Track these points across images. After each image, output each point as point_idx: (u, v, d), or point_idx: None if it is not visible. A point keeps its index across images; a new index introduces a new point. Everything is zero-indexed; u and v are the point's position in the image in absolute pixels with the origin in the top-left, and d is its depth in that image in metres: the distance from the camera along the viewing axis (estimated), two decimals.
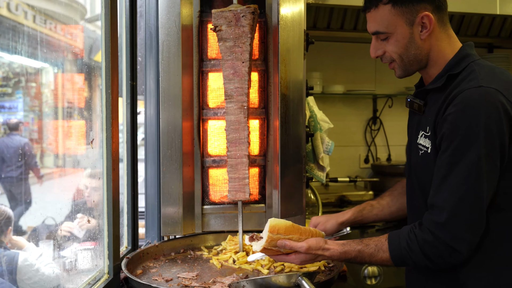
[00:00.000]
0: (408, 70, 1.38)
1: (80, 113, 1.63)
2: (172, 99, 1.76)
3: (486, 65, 1.29)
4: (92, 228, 1.76)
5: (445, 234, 1.17)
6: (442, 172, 1.20)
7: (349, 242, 1.31)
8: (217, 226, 1.86)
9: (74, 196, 2.52)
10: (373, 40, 1.39)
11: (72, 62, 1.62)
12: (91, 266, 1.69)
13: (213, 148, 1.84)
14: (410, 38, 1.32)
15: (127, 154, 1.76)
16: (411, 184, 1.43)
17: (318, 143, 2.01)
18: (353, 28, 2.81)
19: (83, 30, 1.92)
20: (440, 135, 1.23)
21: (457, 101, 1.20)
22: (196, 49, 1.81)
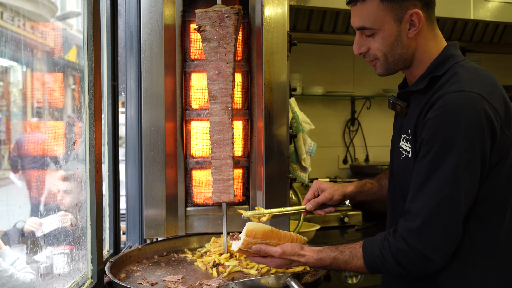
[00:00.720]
0: (391, 69, 1.31)
1: (51, 113, 1.59)
2: (154, 99, 1.74)
3: (469, 66, 1.24)
4: (67, 231, 1.71)
5: (418, 242, 1.14)
6: (420, 178, 1.17)
7: (324, 249, 1.28)
8: (200, 228, 1.84)
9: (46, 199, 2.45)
10: (357, 35, 1.31)
11: (42, 61, 1.57)
12: (67, 270, 1.65)
13: (196, 150, 1.83)
14: (397, 36, 1.25)
15: (109, 155, 1.72)
16: (392, 187, 1.40)
17: (300, 144, 2.02)
18: (332, 30, 2.84)
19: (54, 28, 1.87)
20: (420, 140, 1.19)
21: (438, 106, 1.16)
22: (179, 49, 1.79)
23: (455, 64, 1.24)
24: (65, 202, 2.26)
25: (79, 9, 1.93)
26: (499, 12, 2.83)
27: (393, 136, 1.45)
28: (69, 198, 1.83)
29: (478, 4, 2.77)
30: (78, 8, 1.95)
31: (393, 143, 1.43)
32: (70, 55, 1.81)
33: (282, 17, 1.76)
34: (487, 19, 2.82)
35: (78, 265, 1.41)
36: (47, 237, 1.94)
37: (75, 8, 2.09)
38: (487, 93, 1.16)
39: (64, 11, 1.99)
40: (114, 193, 1.72)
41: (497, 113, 1.16)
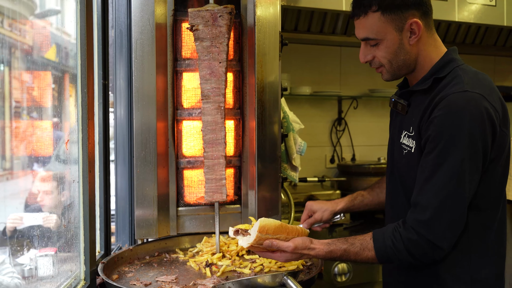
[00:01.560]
0: (397, 74, 1.41)
1: (29, 113, 1.56)
2: (146, 99, 1.73)
3: (470, 70, 1.34)
4: (60, 233, 1.69)
5: (428, 232, 1.22)
6: (426, 173, 1.24)
7: (334, 241, 1.33)
8: (192, 227, 1.84)
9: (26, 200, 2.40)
10: (362, 45, 1.41)
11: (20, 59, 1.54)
12: (59, 272, 1.62)
13: (188, 149, 1.82)
14: (399, 44, 1.34)
15: (99, 155, 1.70)
16: (393, 182, 1.47)
17: (291, 144, 2.03)
18: (320, 30, 2.86)
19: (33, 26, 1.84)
20: (425, 137, 1.27)
21: (443, 105, 1.24)
22: (170, 48, 1.78)
23: (456, 67, 1.33)
24: (53, 203, 2.22)
25: (59, 6, 1.90)
26: (482, 14, 2.90)
27: (391, 134, 1.52)
28: (58, 198, 1.80)
29: (462, 7, 2.83)
30: (57, 6, 1.92)
31: (392, 140, 1.50)
32: (50, 54, 1.78)
33: (274, 17, 1.77)
34: (471, 21, 2.88)
35: (70, 266, 1.39)
36: (37, 238, 1.90)
37: (55, 6, 2.06)
38: (487, 93, 1.26)
39: (44, 8, 1.95)
40: (105, 193, 1.70)
41: (496, 112, 1.26)
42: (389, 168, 1.51)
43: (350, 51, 3.26)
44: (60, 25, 1.78)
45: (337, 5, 2.62)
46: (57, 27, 1.77)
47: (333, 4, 2.62)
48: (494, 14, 2.92)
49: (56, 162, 1.74)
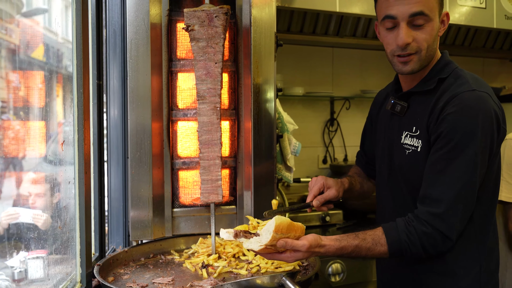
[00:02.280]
0: (423, 65, 1.37)
1: (16, 113, 1.54)
2: (141, 99, 1.71)
3: (467, 72, 1.40)
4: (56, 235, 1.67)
5: (442, 224, 1.25)
6: (438, 167, 1.27)
7: (343, 237, 1.31)
8: (187, 229, 1.83)
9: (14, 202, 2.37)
10: (404, 26, 1.32)
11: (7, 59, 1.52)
12: (54, 274, 1.61)
13: (183, 150, 1.81)
14: (437, 31, 1.35)
15: (94, 156, 1.68)
16: (394, 182, 1.48)
17: (286, 144, 2.04)
18: (312, 31, 2.87)
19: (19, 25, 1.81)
20: (436, 134, 1.29)
21: (456, 103, 1.28)
22: (165, 48, 1.77)
23: (455, 68, 1.39)
24: (43, 205, 2.19)
25: (46, 5, 1.87)
26: (472, 16, 2.94)
27: (388, 135, 1.52)
28: (50, 200, 1.78)
29: (453, 8, 2.87)
30: (44, 5, 1.90)
31: (390, 142, 1.50)
32: (37, 53, 1.76)
33: (270, 18, 1.77)
34: (461, 23, 2.92)
35: (66, 268, 1.38)
36: (27, 240, 1.87)
37: (42, 5, 2.03)
38: (491, 93, 1.33)
39: (30, 7, 1.92)
40: (100, 194, 1.69)
41: (500, 110, 1.33)
42: (386, 170, 1.52)
43: (342, 52, 3.28)
44: (47, 24, 1.76)
45: (330, 6, 2.63)
46: (45, 26, 1.75)
47: (326, 5, 2.63)
48: (484, 16, 2.96)
49: (45, 164, 1.71)
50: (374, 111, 1.69)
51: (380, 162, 1.58)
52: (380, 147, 1.57)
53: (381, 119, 1.61)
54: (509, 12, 3.00)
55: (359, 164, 1.81)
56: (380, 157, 1.58)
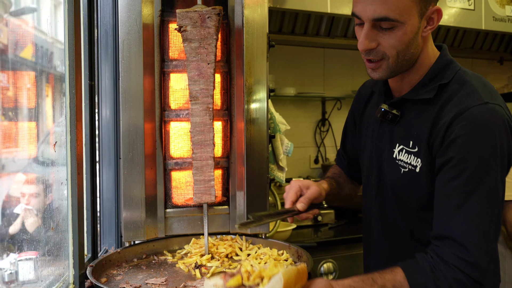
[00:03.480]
0: (396, 72, 1.17)
1: (4, 114, 1.53)
2: (133, 100, 1.71)
3: (471, 73, 1.19)
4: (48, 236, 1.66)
5: (475, 271, 1.06)
6: (454, 202, 1.07)
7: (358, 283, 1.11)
8: (180, 229, 1.83)
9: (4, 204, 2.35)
10: (368, 28, 1.11)
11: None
12: (46, 276, 1.60)
13: (176, 151, 1.81)
14: (416, 33, 1.11)
15: (86, 156, 1.68)
16: (384, 200, 1.30)
17: (278, 145, 2.05)
18: (304, 32, 2.89)
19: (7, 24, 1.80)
20: (444, 159, 1.09)
21: (466, 121, 1.07)
22: (158, 49, 1.77)
23: (459, 71, 1.18)
24: (35, 206, 2.18)
25: (34, 4, 1.86)
26: (461, 18, 2.98)
27: (377, 144, 1.32)
28: (42, 201, 1.77)
29: (442, 10, 2.90)
30: (33, 4, 1.89)
31: (379, 153, 1.31)
32: (26, 53, 1.75)
33: (262, 18, 1.78)
34: (450, 24, 2.96)
35: (59, 270, 1.37)
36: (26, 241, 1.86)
37: (30, 4, 2.02)
38: (503, 102, 1.14)
39: (19, 6, 1.91)
40: (92, 195, 1.68)
41: (511, 121, 1.15)
42: (374, 185, 1.34)
43: (333, 52, 3.30)
44: (36, 24, 1.75)
45: (321, 7, 2.65)
46: (33, 25, 1.74)
47: (317, 6, 2.65)
48: (472, 18, 3.00)
49: (35, 164, 1.70)
50: (357, 109, 1.49)
51: (367, 172, 1.40)
52: (367, 156, 1.39)
53: (367, 122, 1.41)
54: (497, 13, 3.04)
55: (339, 165, 1.65)
56: (367, 167, 1.39)
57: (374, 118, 1.34)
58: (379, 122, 1.31)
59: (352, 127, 1.55)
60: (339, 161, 1.66)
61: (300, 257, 1.64)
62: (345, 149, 1.62)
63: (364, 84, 1.55)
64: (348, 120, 1.59)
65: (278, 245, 1.72)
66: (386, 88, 1.31)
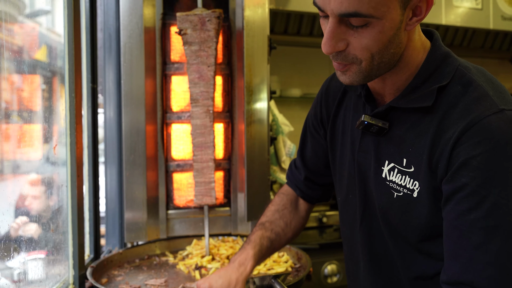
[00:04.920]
0: (371, 76, 0.92)
1: (20, 115, 1.56)
2: (135, 102, 1.73)
3: (474, 69, 0.95)
4: (41, 236, 1.69)
5: None
6: (474, 240, 0.84)
7: None
8: (181, 230, 1.84)
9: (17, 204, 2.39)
10: (333, 25, 0.85)
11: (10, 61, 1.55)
12: (47, 276, 1.63)
13: (177, 152, 1.83)
14: (397, 29, 0.86)
15: (88, 158, 1.70)
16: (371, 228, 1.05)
17: (280, 146, 2.05)
18: (309, 33, 2.88)
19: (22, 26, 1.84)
20: (454, 185, 0.86)
21: (480, 136, 0.84)
22: (159, 52, 1.79)
23: (458, 66, 0.93)
24: (42, 207, 2.21)
25: (49, 7, 1.90)
26: (468, 17, 2.94)
27: (359, 160, 1.05)
28: (47, 202, 1.80)
29: (449, 10, 2.87)
30: (47, 6, 1.92)
31: (362, 170, 1.04)
32: (40, 55, 1.78)
33: (263, 20, 1.79)
34: (457, 24, 2.92)
35: (59, 270, 1.39)
36: (27, 242, 1.90)
37: (44, 6, 2.05)
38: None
39: (33, 8, 1.95)
40: (94, 196, 1.71)
41: None
42: (356, 209, 1.08)
43: None
44: (50, 26, 1.78)
45: None
46: (48, 27, 1.77)
47: None
48: (480, 17, 2.96)
49: (46, 165, 1.73)
50: (325, 110, 1.18)
51: (346, 191, 1.12)
52: (345, 171, 1.10)
53: (342, 128, 1.12)
54: (505, 12, 3.00)
55: (291, 182, 1.31)
56: (346, 185, 1.11)
57: (353, 125, 1.08)
58: (361, 131, 1.04)
59: (314, 131, 1.24)
60: (291, 176, 1.32)
61: (300, 259, 1.64)
62: (304, 159, 1.28)
63: (332, 76, 1.21)
64: (309, 123, 1.26)
65: None
66: (366, 91, 1.02)
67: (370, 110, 1.00)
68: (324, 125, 1.20)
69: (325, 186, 1.29)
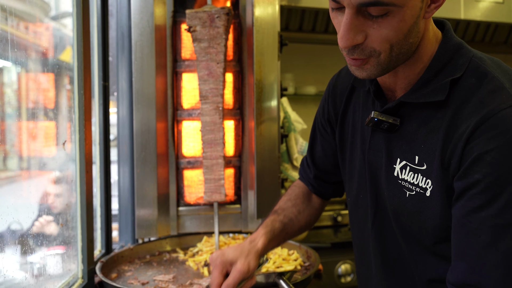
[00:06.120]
0: (389, 68, 0.89)
1: (46, 114, 1.59)
2: (146, 100, 1.74)
3: (489, 60, 0.91)
4: (59, 232, 1.72)
5: None
6: (483, 238, 0.81)
7: None
8: (192, 227, 1.85)
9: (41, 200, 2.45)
10: (351, 16, 0.82)
11: (37, 61, 1.58)
12: (61, 271, 1.66)
13: (188, 149, 1.84)
14: (417, 17, 0.83)
15: (100, 155, 1.73)
16: (384, 230, 1.02)
17: (292, 144, 2.03)
18: (324, 30, 2.85)
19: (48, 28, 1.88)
20: (466, 182, 0.83)
21: (495, 131, 0.80)
22: (170, 49, 1.80)
23: (472, 58, 0.89)
24: (56, 203, 2.26)
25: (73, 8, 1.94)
26: (490, 12, 2.86)
27: (370, 158, 1.02)
28: (59, 199, 1.83)
29: (469, 4, 2.79)
30: (72, 8, 1.96)
31: (373, 168, 1.02)
32: (65, 55, 1.82)
33: (273, 17, 1.77)
34: (478, 18, 2.84)
35: (69, 265, 1.42)
36: (38, 237, 1.94)
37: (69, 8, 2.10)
38: None
39: (58, 11, 1.99)
40: (106, 193, 1.73)
41: None
42: (367, 210, 1.05)
43: None
44: None
45: None
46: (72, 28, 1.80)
47: None
48: (501, 11, 2.87)
49: (69, 163, 1.77)
50: (333, 107, 1.15)
51: (356, 190, 1.08)
52: (356, 170, 1.08)
53: (352, 125, 1.09)
54: None
55: (303, 178, 1.31)
56: (356, 184, 1.08)
57: (363, 123, 1.05)
58: (371, 129, 1.01)
59: (323, 130, 1.22)
60: (303, 173, 1.32)
61: (309, 257, 1.62)
62: (314, 158, 1.27)
63: (339, 73, 1.19)
64: (318, 122, 1.24)
65: (289, 245, 1.71)
66: (375, 86, 0.99)
67: (380, 106, 0.98)
68: (332, 124, 1.17)
69: (336, 184, 1.27)
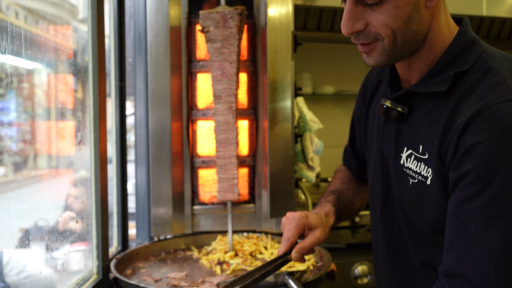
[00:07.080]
0: (396, 56, 0.92)
1: (74, 114, 1.64)
2: (161, 100, 1.77)
3: (501, 56, 0.91)
4: (81, 230, 1.77)
5: None
6: (471, 229, 0.82)
7: None
8: (207, 226, 1.87)
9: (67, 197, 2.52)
10: (350, 4, 0.89)
11: (65, 63, 1.63)
12: (81, 267, 1.70)
13: (203, 149, 1.85)
14: (415, 5, 0.87)
15: (116, 155, 1.76)
16: (390, 215, 1.06)
17: (307, 144, 2.02)
18: None
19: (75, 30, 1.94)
20: (459, 172, 0.84)
21: (488, 123, 0.81)
22: (185, 50, 1.82)
23: (483, 53, 0.91)
24: (75, 201, 2.32)
25: None
26: None
27: (382, 146, 1.07)
28: (79, 197, 1.88)
29: (492, 1, 2.72)
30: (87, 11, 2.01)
31: (384, 156, 1.06)
32: None
33: (286, 17, 1.77)
34: (501, 15, 2.76)
35: (85, 261, 1.45)
36: (60, 234, 2.00)
37: None
38: None
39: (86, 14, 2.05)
40: (122, 192, 1.76)
41: None
42: (378, 196, 1.09)
43: None
44: None
45: None
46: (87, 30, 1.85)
47: None
48: None
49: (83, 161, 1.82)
50: (362, 101, 1.24)
51: (372, 179, 1.14)
52: (372, 158, 1.14)
53: (372, 117, 1.16)
54: None
55: (347, 166, 1.41)
56: (372, 173, 1.13)
57: (377, 116, 1.11)
58: (384, 118, 1.06)
59: (358, 122, 1.30)
60: (346, 161, 1.41)
61: (322, 257, 1.61)
62: (354, 148, 1.37)
63: (372, 69, 1.27)
64: (354, 113, 1.34)
65: None
66: (392, 77, 1.04)
67: (391, 95, 1.03)
68: (361, 116, 1.25)
69: None
